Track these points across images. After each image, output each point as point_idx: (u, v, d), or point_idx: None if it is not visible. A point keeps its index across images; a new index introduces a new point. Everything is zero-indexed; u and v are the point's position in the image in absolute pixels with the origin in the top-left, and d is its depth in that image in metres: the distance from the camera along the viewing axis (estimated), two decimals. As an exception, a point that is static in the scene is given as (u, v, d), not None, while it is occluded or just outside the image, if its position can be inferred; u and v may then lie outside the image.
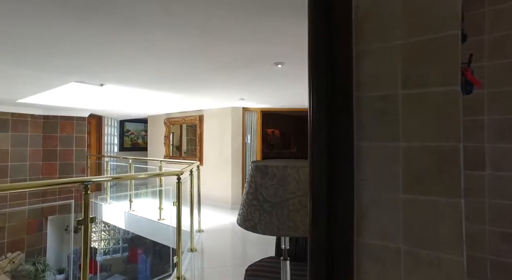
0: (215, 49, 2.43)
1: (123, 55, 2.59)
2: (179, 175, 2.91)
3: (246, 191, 1.09)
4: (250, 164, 1.12)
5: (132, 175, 2.42)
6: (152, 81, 3.80)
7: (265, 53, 2.56)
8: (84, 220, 2.15)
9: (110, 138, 9.07)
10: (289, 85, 3.98)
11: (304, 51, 0.82)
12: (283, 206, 0.98)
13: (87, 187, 2.14)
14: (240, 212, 1.10)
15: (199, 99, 5.41)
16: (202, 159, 6.97)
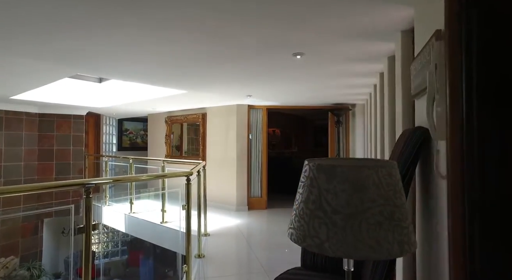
0: (228, 32, 2.18)
1: (126, 38, 2.33)
2: (188, 176, 2.66)
3: (303, 198, 0.84)
4: (305, 164, 0.87)
5: (136, 177, 2.18)
6: (154, 74, 3.54)
7: (284, 40, 2.32)
8: (85, 227, 1.89)
9: (108, 138, 8.78)
10: (307, 80, 3.72)
11: (328, 41, 0.57)
12: (360, 218, 0.74)
13: (89, 190, 1.89)
14: (294, 226, 0.85)
15: (204, 95, 5.15)
16: (205, 159, 6.71)
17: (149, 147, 8.35)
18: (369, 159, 1.05)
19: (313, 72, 3.29)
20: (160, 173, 2.56)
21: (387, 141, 2.74)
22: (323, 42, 2.36)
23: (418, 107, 1.58)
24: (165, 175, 2.40)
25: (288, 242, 3.14)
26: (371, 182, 0.76)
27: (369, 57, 2.74)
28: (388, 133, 2.68)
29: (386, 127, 2.75)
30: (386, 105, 2.75)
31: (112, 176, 8.74)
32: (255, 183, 6.29)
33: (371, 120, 4.43)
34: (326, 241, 0.75)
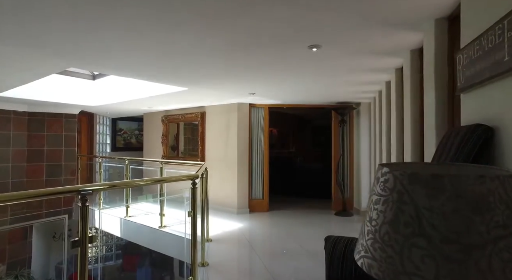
0: (238, 17, 1.94)
1: (123, 24, 2.09)
2: (194, 179, 2.42)
3: (387, 218, 0.62)
4: (382, 170, 0.65)
5: (135, 182, 1.93)
6: (152, 67, 3.29)
7: (300, 28, 2.09)
8: (81, 240, 1.64)
9: (102, 137, 8.46)
10: (318, 76, 3.48)
11: (349, 30, 0.35)
12: (488, 251, 0.52)
13: (85, 197, 1.64)
14: (374, 255, 0.62)
15: (204, 92, 4.90)
16: (204, 159, 6.46)
17: (145, 148, 8.06)
18: (471, 165, 0.84)
19: (327, 67, 3.08)
20: (162, 177, 2.32)
21: (408, 141, 2.54)
22: (343, 31, 2.14)
23: (469, 102, 1.37)
24: (167, 179, 2.16)
25: (294, 247, 2.90)
26: (497, 199, 0.54)
27: (389, 50, 2.54)
28: (411, 132, 2.48)
29: (408, 125, 2.55)
30: (407, 102, 2.56)
31: (107, 178, 8.43)
32: (256, 184, 6.06)
33: (381, 119, 4.24)
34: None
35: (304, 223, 5.13)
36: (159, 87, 5.01)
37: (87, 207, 1.65)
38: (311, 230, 4.74)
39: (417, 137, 2.45)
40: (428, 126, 1.96)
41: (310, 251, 3.79)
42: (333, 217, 5.56)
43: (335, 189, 6.06)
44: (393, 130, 3.18)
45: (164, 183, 2.15)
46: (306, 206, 6.39)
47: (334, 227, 5.09)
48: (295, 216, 5.64)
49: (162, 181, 2.26)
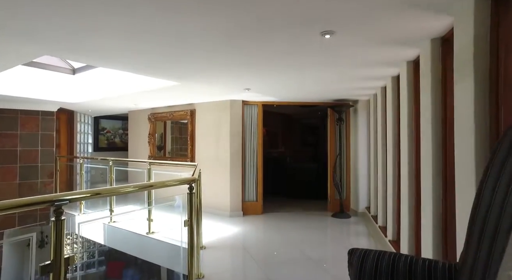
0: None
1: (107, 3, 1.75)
2: (191, 183, 2.10)
3: None
4: None
5: (122, 188, 1.61)
6: (139, 57, 2.94)
7: (312, 11, 1.82)
8: (54, 263, 1.30)
9: (83, 137, 7.95)
10: (328, 68, 3.18)
11: (369, 13, 0.10)
12: None
13: (60, 210, 1.30)
14: None
15: (195, 88, 4.56)
16: (194, 159, 6.11)
17: (130, 148, 7.61)
18: None
19: (336, 59, 2.81)
20: (153, 183, 1.99)
21: (429, 142, 2.31)
22: (363, 13, 1.88)
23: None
24: (159, 185, 1.83)
25: (294, 254, 2.62)
26: None
27: (407, 38, 2.30)
28: (432, 130, 2.25)
29: (428, 124, 2.32)
30: (427, 96, 2.32)
31: (89, 180, 7.92)
32: (249, 186, 5.77)
33: (385, 117, 4.04)
34: None
35: (302, 226, 4.87)
36: (146, 82, 4.63)
37: (63, 221, 1.32)
38: (309, 234, 4.49)
39: (438, 137, 2.22)
40: (462, 127, 1.72)
41: (313, 258, 3.53)
42: (331, 219, 5.34)
43: (332, 189, 5.84)
44: (404, 129, 2.96)
45: (156, 188, 1.84)
46: (301, 208, 6.14)
47: (334, 230, 4.86)
48: (291, 218, 5.38)
49: (153, 187, 1.93)
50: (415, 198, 2.86)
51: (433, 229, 2.21)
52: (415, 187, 2.86)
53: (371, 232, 4.61)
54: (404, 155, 3.00)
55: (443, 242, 2.19)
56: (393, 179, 3.54)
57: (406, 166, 2.94)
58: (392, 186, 3.55)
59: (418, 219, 2.83)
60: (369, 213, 5.07)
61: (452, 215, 2.10)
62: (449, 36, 2.11)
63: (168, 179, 2.13)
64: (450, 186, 2.14)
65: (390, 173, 3.59)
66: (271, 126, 10.45)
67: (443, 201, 2.20)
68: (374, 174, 4.79)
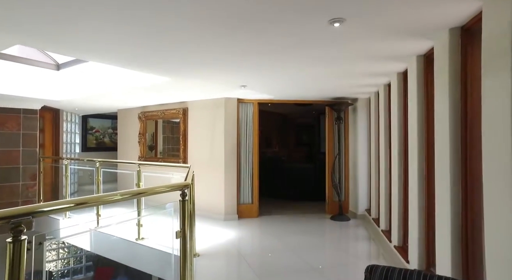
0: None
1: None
2: (183, 189, 1.85)
3: None
4: None
5: (109, 197, 1.40)
6: (127, 49, 2.68)
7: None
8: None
9: (70, 137, 7.59)
10: (333, 62, 2.94)
11: None
12: None
13: (19, 227, 1.04)
14: None
15: (189, 83, 4.30)
16: (186, 161, 5.85)
17: (119, 148, 7.29)
18: None
19: (342, 51, 2.58)
20: (143, 189, 1.75)
21: (446, 142, 2.11)
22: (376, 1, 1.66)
23: None
24: (149, 191, 1.61)
25: (294, 261, 2.38)
26: None
27: (423, 27, 2.09)
28: (450, 130, 2.05)
29: (442, 122, 2.12)
30: (443, 92, 2.12)
31: (76, 182, 7.55)
32: (245, 188, 5.53)
33: (389, 115, 3.85)
34: None
35: (300, 230, 4.66)
36: (136, 78, 4.36)
37: (22, 242, 1.05)
38: (308, 239, 4.28)
39: (458, 138, 2.02)
40: (493, 129, 1.51)
41: (314, 266, 3.31)
42: (329, 222, 5.14)
43: (330, 191, 5.64)
44: (413, 128, 2.76)
45: (146, 196, 1.62)
46: (298, 210, 5.93)
47: (334, 234, 4.66)
48: (288, 222, 5.16)
49: (144, 194, 1.69)
50: (426, 203, 2.66)
51: (452, 241, 2.00)
52: (426, 190, 2.66)
53: (371, 235, 4.42)
54: (413, 155, 2.80)
55: (464, 256, 1.98)
56: (398, 181, 3.34)
57: (415, 167, 2.74)
58: (397, 188, 3.35)
59: (430, 226, 2.63)
60: (369, 216, 4.89)
61: (476, 227, 1.90)
62: (471, 25, 1.91)
63: (159, 185, 1.87)
64: (473, 193, 1.94)
65: (395, 173, 3.39)
66: (265, 126, 10.24)
67: (463, 210, 1.99)
68: (376, 175, 4.60)
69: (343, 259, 3.67)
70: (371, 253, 3.88)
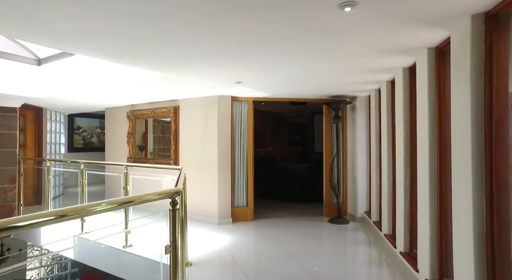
0: None
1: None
2: (174, 196, 1.60)
3: None
4: None
5: (93, 207, 1.21)
6: (112, 40, 2.42)
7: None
8: None
9: (54, 137, 7.22)
10: (343, 53, 2.70)
11: None
12: None
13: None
14: None
15: (181, 79, 4.04)
16: (177, 162, 5.57)
17: (107, 148, 6.96)
18: None
19: (348, 43, 2.36)
20: (130, 198, 1.50)
21: (467, 140, 1.91)
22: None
23: None
24: (137, 200, 1.40)
25: (294, 269, 2.07)
26: None
27: (441, 15, 1.89)
28: (472, 127, 1.85)
29: (463, 120, 1.92)
30: (462, 88, 1.92)
31: (62, 184, 7.15)
32: (239, 190, 5.28)
33: (393, 114, 3.66)
34: None
35: (298, 235, 4.43)
36: (124, 74, 4.07)
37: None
38: (308, 244, 4.06)
39: (481, 134, 1.82)
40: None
41: (315, 274, 3.09)
42: (328, 225, 4.93)
43: (328, 192, 5.44)
44: (424, 125, 2.56)
45: (134, 205, 1.39)
46: (295, 213, 5.71)
47: (334, 239, 4.45)
48: (285, 225, 4.93)
49: (130, 203, 1.44)
50: (438, 206, 2.47)
51: (475, 250, 1.80)
52: (438, 192, 2.47)
53: (372, 240, 4.23)
54: (423, 155, 2.60)
55: (489, 267, 1.78)
56: (404, 182, 3.15)
57: (425, 168, 2.54)
58: (403, 190, 3.16)
59: (443, 231, 2.44)
60: (369, 219, 4.70)
61: (504, 233, 1.70)
62: (497, 11, 1.71)
63: (148, 193, 1.62)
64: (500, 197, 1.74)
65: (400, 174, 3.20)
66: (258, 125, 10.02)
67: (488, 214, 1.79)
68: (377, 176, 4.41)
69: (346, 266, 3.46)
70: (375, 259, 3.68)
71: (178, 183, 2.00)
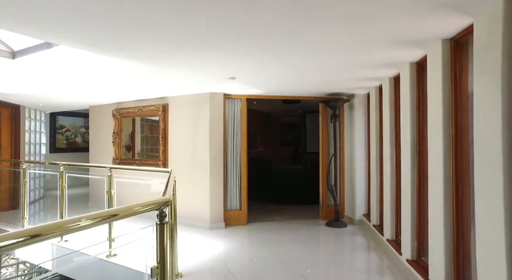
0: None
1: None
2: (162, 208, 1.33)
3: None
4: None
5: (71, 224, 0.98)
6: (84, 25, 2.12)
7: None
8: None
9: (34, 136, 6.78)
10: (348, 46, 2.54)
11: None
12: None
13: None
14: None
15: (168, 74, 3.75)
16: (166, 163, 5.26)
17: (91, 149, 6.57)
18: None
19: (354, 34, 2.13)
20: (113, 211, 1.22)
21: (497, 138, 1.70)
22: None
23: None
24: (121, 213, 1.16)
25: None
26: None
27: None
28: (504, 123, 1.64)
29: (492, 116, 1.71)
30: (487, 81, 1.71)
31: (42, 186, 6.68)
32: (232, 192, 5.01)
33: (396, 111, 3.46)
34: None
35: (294, 240, 4.19)
36: (105, 67, 3.74)
37: None
38: (305, 250, 3.82)
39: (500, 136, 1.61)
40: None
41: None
42: (325, 229, 4.71)
43: (324, 194, 5.23)
44: (437, 122, 2.35)
45: (119, 219, 1.14)
46: (290, 216, 5.47)
47: (332, 244, 4.23)
48: (280, 230, 4.69)
49: (115, 217, 1.15)
50: (455, 211, 2.26)
51: (508, 259, 1.59)
52: (454, 195, 2.26)
53: (372, 244, 4.03)
54: (435, 156, 2.40)
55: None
56: (411, 184, 2.94)
57: (440, 169, 2.33)
58: (410, 193, 2.95)
59: (460, 238, 2.23)
60: (368, 222, 4.50)
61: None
62: None
63: (134, 204, 1.33)
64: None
65: (407, 176, 3.00)
66: (249, 124, 9.77)
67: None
68: (377, 177, 4.21)
69: (347, 274, 3.24)
70: (377, 267, 3.47)
71: (167, 190, 1.72)
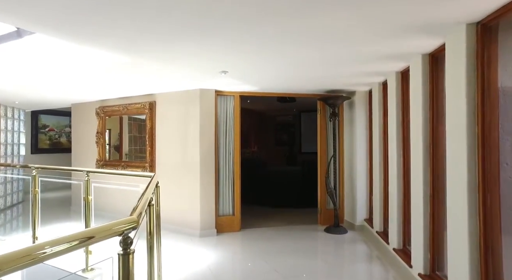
0: None
1: None
2: (126, 233, 0.98)
3: None
4: None
5: (40, 250, 0.72)
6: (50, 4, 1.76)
7: None
8: None
9: (12, 136, 6.32)
10: (353, 37, 2.21)
11: None
12: None
13: None
14: None
15: (152, 65, 3.38)
16: (154, 165, 4.89)
17: (74, 150, 6.15)
18: None
19: (360, 23, 1.82)
20: (82, 236, 0.96)
21: None
22: None
23: None
24: (98, 235, 0.90)
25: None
26: None
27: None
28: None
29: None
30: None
31: (22, 191, 6.22)
32: (225, 196, 4.67)
33: (403, 109, 3.16)
34: None
35: (293, 249, 3.86)
36: (84, 59, 3.36)
37: None
38: (305, 260, 3.50)
39: None
40: None
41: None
42: (324, 236, 4.40)
43: (323, 198, 4.92)
44: (461, 118, 2.05)
45: (96, 242, 0.86)
46: (286, 221, 5.15)
47: (333, 253, 3.92)
48: (277, 237, 4.36)
49: (91, 240, 0.80)
50: (480, 217, 1.96)
51: None
52: (482, 199, 1.96)
53: (375, 253, 3.73)
54: (454, 154, 2.10)
55: None
56: (424, 188, 2.65)
57: (464, 170, 2.03)
58: (423, 199, 2.65)
59: (488, 254, 1.93)
60: (371, 228, 4.20)
61: None
62: None
63: (99, 227, 0.99)
64: None
65: (418, 179, 2.70)
66: (243, 123, 9.44)
67: None
68: (381, 179, 3.91)
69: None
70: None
71: (139, 204, 1.37)
